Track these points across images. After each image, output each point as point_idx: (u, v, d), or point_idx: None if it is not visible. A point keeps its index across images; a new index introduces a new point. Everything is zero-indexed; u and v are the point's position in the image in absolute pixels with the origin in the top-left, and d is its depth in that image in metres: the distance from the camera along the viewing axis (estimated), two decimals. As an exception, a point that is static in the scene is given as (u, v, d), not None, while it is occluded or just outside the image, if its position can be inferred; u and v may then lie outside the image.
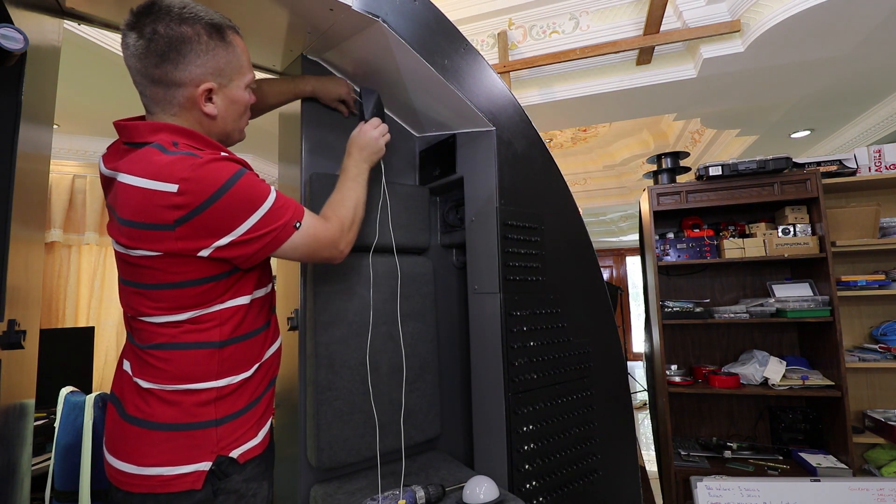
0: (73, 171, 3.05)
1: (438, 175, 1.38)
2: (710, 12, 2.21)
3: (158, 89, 0.76)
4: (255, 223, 0.74)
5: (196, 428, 0.74)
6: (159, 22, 0.73)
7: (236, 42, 0.82)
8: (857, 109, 3.00)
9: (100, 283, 3.08)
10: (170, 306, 0.74)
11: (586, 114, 2.92)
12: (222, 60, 0.79)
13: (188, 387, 0.74)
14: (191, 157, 0.70)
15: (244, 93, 0.85)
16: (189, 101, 0.77)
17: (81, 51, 1.98)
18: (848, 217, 2.16)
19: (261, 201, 0.75)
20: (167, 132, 0.75)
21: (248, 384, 0.81)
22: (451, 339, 1.48)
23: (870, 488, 1.67)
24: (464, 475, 1.15)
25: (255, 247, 0.75)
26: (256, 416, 0.82)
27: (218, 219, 0.71)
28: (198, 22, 0.76)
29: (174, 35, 0.74)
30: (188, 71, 0.76)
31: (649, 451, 3.74)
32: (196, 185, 0.68)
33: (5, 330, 0.78)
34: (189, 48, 0.75)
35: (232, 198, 0.71)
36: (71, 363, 2.44)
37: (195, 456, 0.73)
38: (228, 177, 0.71)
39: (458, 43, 1.20)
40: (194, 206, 0.69)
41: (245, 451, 0.78)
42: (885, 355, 2.11)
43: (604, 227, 7.22)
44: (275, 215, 0.76)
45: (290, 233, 0.79)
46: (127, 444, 0.74)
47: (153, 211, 0.68)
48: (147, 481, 0.71)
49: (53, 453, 1.41)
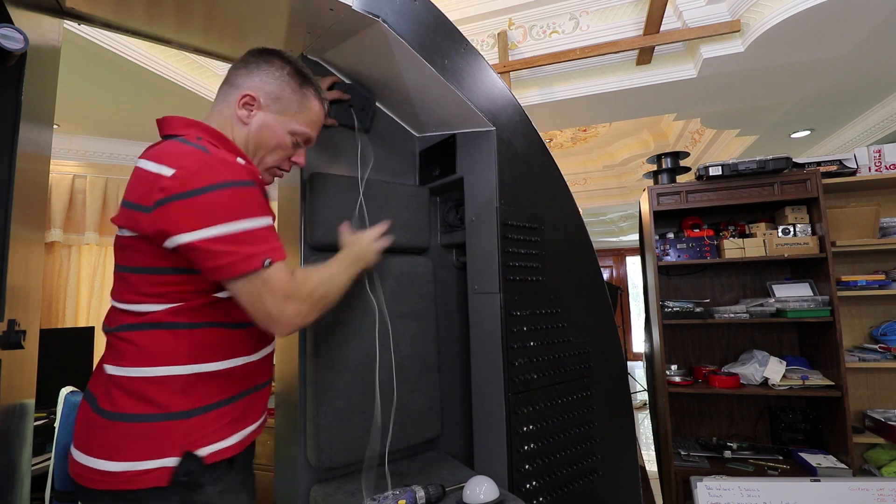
0: (73, 171, 3.05)
1: (438, 175, 1.38)
2: (710, 12, 2.20)
3: (224, 86, 0.87)
4: (223, 234, 0.67)
5: (163, 419, 0.70)
6: (270, 53, 0.88)
7: (311, 98, 0.90)
8: (857, 109, 3.00)
9: (100, 283, 3.08)
10: (151, 293, 0.72)
11: (586, 114, 2.92)
12: (286, 94, 0.87)
13: (155, 371, 0.71)
14: (202, 151, 0.71)
15: (285, 134, 0.88)
16: (233, 101, 0.85)
17: (81, 51, 1.98)
18: (848, 217, 2.16)
19: (243, 217, 0.69)
20: (197, 129, 0.78)
21: (224, 377, 0.77)
22: (451, 339, 1.48)
23: (870, 488, 1.67)
24: (464, 475, 1.15)
25: (213, 262, 0.68)
26: (233, 415, 0.77)
27: (190, 212, 0.66)
28: (290, 63, 0.88)
29: (263, 59, 0.87)
30: (250, 79, 0.86)
31: (649, 451, 3.74)
32: (188, 174, 0.67)
33: (5, 330, 0.78)
34: (266, 70, 0.86)
35: (215, 198, 0.67)
36: (71, 363, 2.44)
37: (160, 450, 0.69)
38: (224, 179, 0.69)
39: (458, 43, 1.20)
40: (175, 193, 0.66)
41: (215, 451, 0.73)
42: (885, 355, 2.11)
43: (604, 227, 7.22)
44: (249, 239, 0.69)
45: (255, 266, 0.69)
46: (94, 439, 0.71)
47: (143, 191, 0.69)
48: (112, 477, 0.69)
49: (53, 453, 1.40)
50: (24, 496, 0.90)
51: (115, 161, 3.16)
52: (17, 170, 0.80)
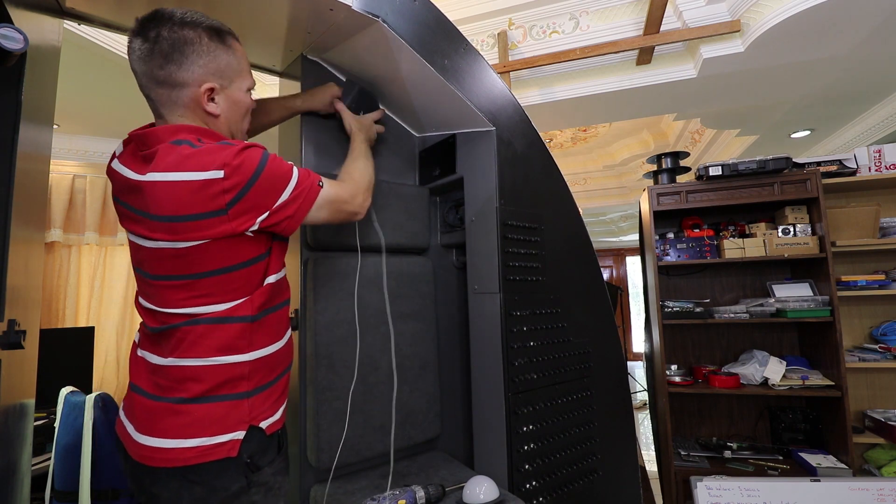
0: (73, 171, 3.05)
1: (438, 175, 1.38)
2: (710, 12, 2.20)
3: (163, 90, 0.80)
4: (291, 189, 0.81)
5: (231, 399, 0.78)
6: (163, 26, 0.78)
7: (236, 47, 0.87)
8: (857, 109, 3.00)
9: (100, 283, 3.08)
10: (218, 292, 0.78)
11: (586, 114, 2.92)
12: (223, 62, 0.84)
13: (224, 359, 0.78)
14: (225, 146, 0.76)
15: (245, 95, 0.89)
16: (193, 102, 0.81)
17: (81, 51, 1.98)
18: (848, 217, 2.16)
19: (290, 172, 0.83)
20: (187, 132, 0.79)
21: (274, 358, 0.86)
22: (451, 339, 1.48)
23: (870, 488, 1.67)
24: (464, 475, 1.15)
25: (293, 207, 0.82)
26: (277, 394, 0.87)
27: (262, 194, 0.77)
28: (199, 26, 0.81)
29: (177, 37, 0.78)
30: (191, 71, 0.80)
31: (649, 451, 3.74)
32: (239, 168, 0.75)
33: (5, 330, 0.78)
34: (191, 49, 0.79)
35: (269, 173, 0.78)
36: (71, 363, 2.44)
37: (230, 425, 0.77)
38: (260, 157, 0.78)
39: (458, 43, 1.20)
40: (242, 187, 0.75)
41: (270, 423, 0.83)
42: (885, 355, 2.11)
43: (604, 227, 7.22)
44: (303, 180, 0.84)
45: (318, 191, 0.86)
46: (163, 422, 0.76)
47: (204, 200, 0.73)
48: (185, 454, 0.74)
49: (53, 453, 1.41)
50: (24, 496, 0.90)
51: (115, 161, 3.16)
52: (17, 170, 0.80)
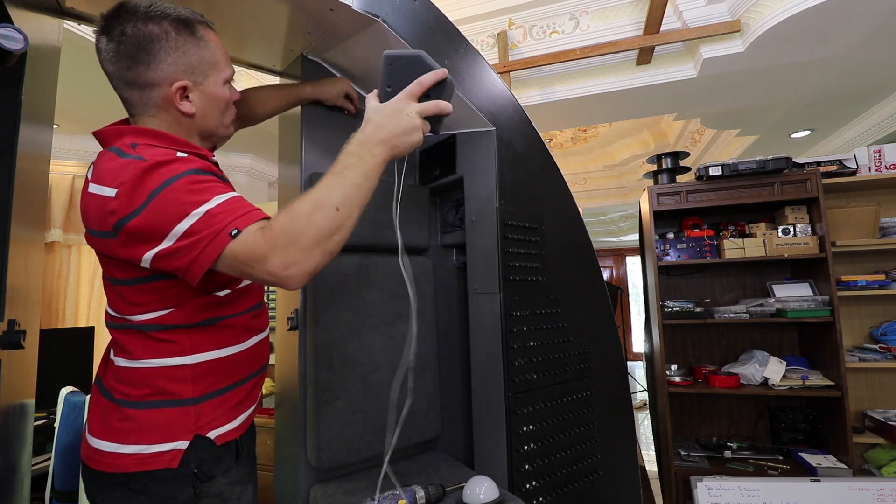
0: (73, 171, 3.05)
1: (438, 175, 1.38)
2: (710, 12, 2.21)
3: (134, 91, 0.75)
4: (185, 229, 0.64)
5: (173, 405, 0.73)
6: (126, 23, 0.71)
7: (209, 37, 0.79)
8: (857, 109, 3.00)
9: (100, 282, 3.07)
10: (142, 301, 0.73)
11: (586, 114, 2.92)
12: (194, 57, 0.76)
13: (162, 362, 0.74)
14: (136, 161, 0.66)
15: (223, 89, 0.81)
16: (165, 101, 0.75)
17: (81, 51, 1.98)
18: (848, 217, 2.16)
19: (195, 205, 0.64)
20: (131, 134, 0.73)
21: (226, 363, 0.79)
22: (451, 339, 1.48)
23: (870, 488, 1.67)
24: (464, 475, 1.15)
25: (185, 258, 0.64)
26: (235, 400, 0.81)
27: (149, 225, 0.64)
28: (164, 19, 0.73)
29: (141, 35, 0.72)
30: (160, 70, 0.73)
31: (649, 451, 3.74)
32: (128, 189, 0.64)
33: (5, 330, 0.78)
34: (158, 47, 0.73)
35: (163, 201, 0.64)
36: (71, 363, 2.43)
37: (172, 434, 0.72)
38: (165, 179, 0.65)
39: (458, 43, 1.20)
40: (127, 212, 0.64)
41: (223, 433, 0.77)
42: (885, 355, 2.11)
43: (604, 227, 7.22)
44: (208, 222, 0.64)
45: (226, 241, 0.64)
46: (107, 424, 0.73)
47: (99, 218, 0.67)
48: (124, 460, 0.71)
49: (53, 453, 1.41)
50: (24, 496, 0.90)
51: (115, 161, 3.16)
52: (17, 170, 0.80)
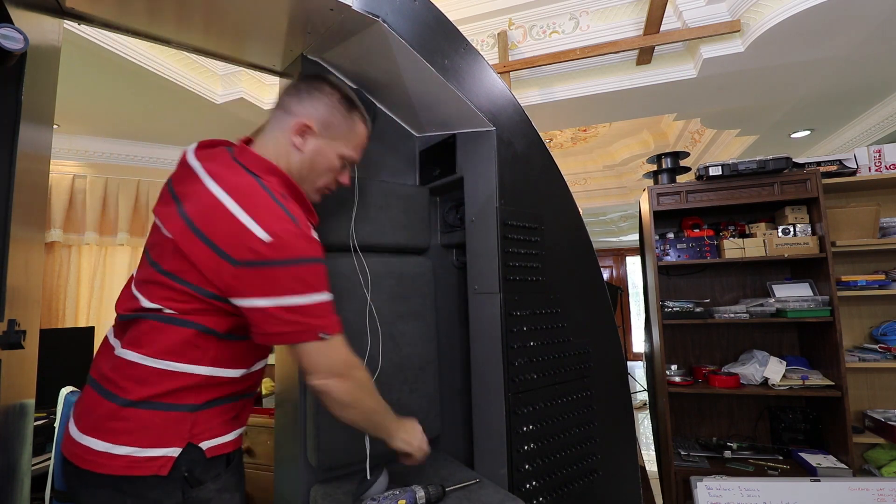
0: (73, 171, 3.05)
1: (438, 175, 1.38)
2: (710, 12, 2.20)
3: (278, 111, 0.90)
4: (295, 305, 0.74)
5: (174, 410, 0.74)
6: (318, 78, 0.92)
7: (357, 122, 0.94)
8: (857, 109, 3.00)
9: (100, 283, 3.09)
10: (191, 305, 0.76)
11: (586, 114, 2.92)
12: (336, 120, 0.91)
13: (177, 367, 0.74)
14: (292, 223, 0.75)
15: (335, 158, 0.92)
16: (288, 129, 0.88)
17: (81, 51, 1.97)
18: (848, 217, 2.16)
19: (315, 291, 0.76)
20: (276, 177, 0.82)
21: (234, 382, 0.82)
22: (451, 339, 1.48)
23: (870, 488, 1.67)
24: (464, 475, 1.15)
25: (277, 328, 0.74)
26: (233, 413, 0.83)
27: (273, 279, 0.72)
28: (339, 90, 0.92)
29: (316, 87, 0.90)
30: (303, 107, 0.88)
31: (649, 451, 3.74)
32: (282, 244, 0.72)
33: (5, 330, 0.78)
34: (318, 97, 0.89)
35: (297, 270, 0.74)
36: (71, 363, 2.43)
37: (165, 440, 0.72)
38: (309, 255, 0.75)
39: (458, 43, 1.20)
40: (266, 260, 0.72)
41: (215, 445, 0.78)
42: (885, 355, 2.11)
43: (604, 227, 7.22)
44: (316, 312, 0.76)
45: (313, 337, 0.76)
46: (99, 421, 0.72)
47: (234, 243, 0.72)
48: (114, 461, 0.70)
49: (53, 453, 1.40)
50: (24, 496, 0.90)
51: (115, 161, 3.16)
52: (17, 170, 0.80)
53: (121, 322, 0.80)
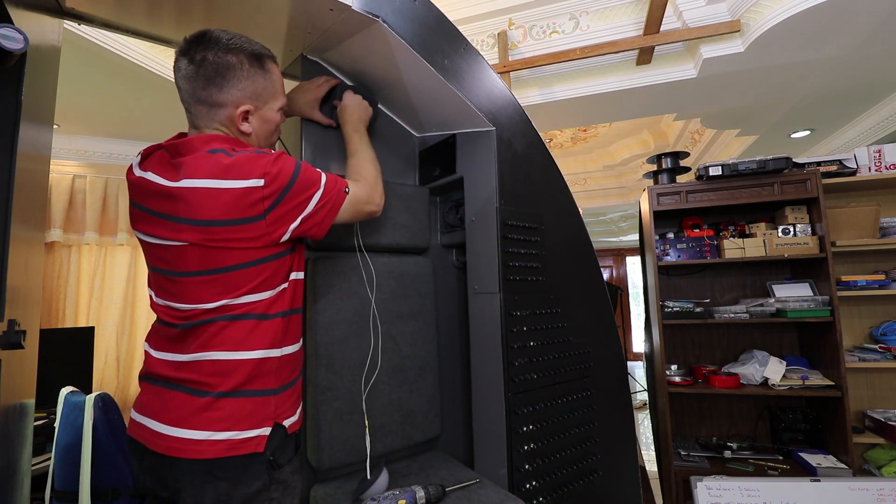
0: (73, 171, 3.05)
1: (438, 175, 1.38)
2: (710, 12, 2.20)
3: (202, 108, 0.87)
4: (319, 196, 0.87)
5: (260, 395, 0.82)
6: (209, 50, 0.84)
7: (273, 70, 0.93)
8: (857, 109, 3.00)
9: (100, 283, 3.08)
10: (246, 284, 0.81)
11: (586, 114, 2.92)
12: (260, 86, 0.90)
13: (256, 354, 0.82)
14: (262, 155, 0.81)
15: (276, 114, 0.95)
16: (228, 120, 0.88)
17: (81, 51, 1.97)
18: (848, 217, 2.16)
19: (320, 180, 0.88)
20: (219, 141, 0.85)
21: (295, 358, 0.91)
22: (451, 339, 1.48)
23: (870, 488, 1.67)
24: (464, 475, 1.15)
25: (321, 214, 0.88)
26: (296, 395, 0.91)
27: (295, 201, 0.83)
28: (242, 52, 0.87)
29: (221, 62, 0.84)
30: (230, 94, 0.86)
31: (649, 451, 3.74)
32: (277, 176, 0.81)
33: (5, 330, 0.78)
34: (232, 74, 0.86)
35: (302, 181, 0.84)
36: (71, 363, 2.44)
37: (258, 421, 0.81)
38: (294, 166, 0.85)
39: (458, 43, 1.20)
40: (278, 194, 0.81)
41: (291, 423, 0.87)
42: (885, 355, 2.11)
43: (604, 227, 7.22)
44: (330, 187, 0.90)
45: (344, 197, 0.92)
46: (193, 414, 0.78)
47: (243, 207, 0.78)
48: (215, 445, 0.77)
49: (53, 453, 1.41)
50: (24, 496, 0.90)
51: (115, 161, 3.16)
52: (17, 170, 0.80)
53: (176, 332, 0.83)
